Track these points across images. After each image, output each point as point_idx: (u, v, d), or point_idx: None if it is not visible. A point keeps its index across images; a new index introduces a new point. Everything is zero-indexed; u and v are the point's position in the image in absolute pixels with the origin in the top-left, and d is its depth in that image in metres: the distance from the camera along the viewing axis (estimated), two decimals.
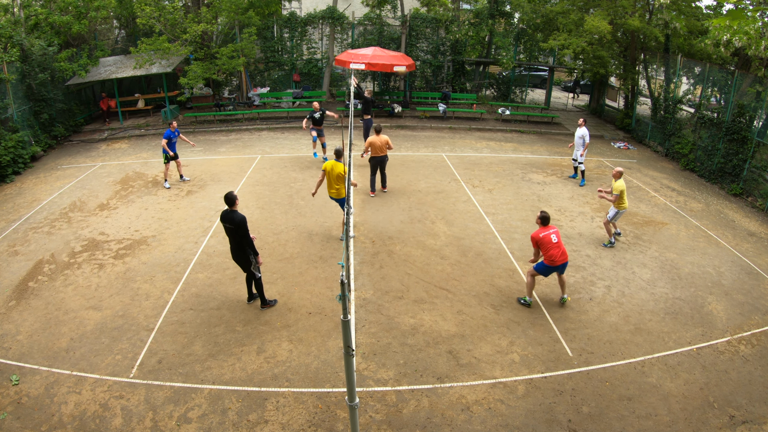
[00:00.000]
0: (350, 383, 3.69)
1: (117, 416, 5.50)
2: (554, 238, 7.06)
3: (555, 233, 7.12)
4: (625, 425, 5.60)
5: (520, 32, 21.14)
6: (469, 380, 6.13)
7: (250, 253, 6.79)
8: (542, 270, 7.29)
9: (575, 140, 12.58)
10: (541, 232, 7.11)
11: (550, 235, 7.06)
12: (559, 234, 7.17)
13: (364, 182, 11.75)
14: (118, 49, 19.41)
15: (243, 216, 6.65)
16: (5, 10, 15.19)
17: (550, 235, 7.06)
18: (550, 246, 7.05)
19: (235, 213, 6.65)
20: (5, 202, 11.02)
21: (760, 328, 7.42)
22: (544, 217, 7.16)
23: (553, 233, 7.09)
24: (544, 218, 7.17)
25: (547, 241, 7.05)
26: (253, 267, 6.89)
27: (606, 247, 9.51)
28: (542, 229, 7.15)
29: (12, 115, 13.40)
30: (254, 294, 7.40)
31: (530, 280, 7.48)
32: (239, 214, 6.66)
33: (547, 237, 7.05)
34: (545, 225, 7.16)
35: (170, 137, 11.46)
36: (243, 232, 6.63)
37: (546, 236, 7.05)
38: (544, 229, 7.13)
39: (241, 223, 6.59)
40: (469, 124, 18.14)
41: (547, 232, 7.08)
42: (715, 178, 13.76)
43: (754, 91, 13.13)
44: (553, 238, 7.06)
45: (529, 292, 7.57)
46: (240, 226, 6.59)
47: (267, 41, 19.84)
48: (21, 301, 7.46)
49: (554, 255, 7.06)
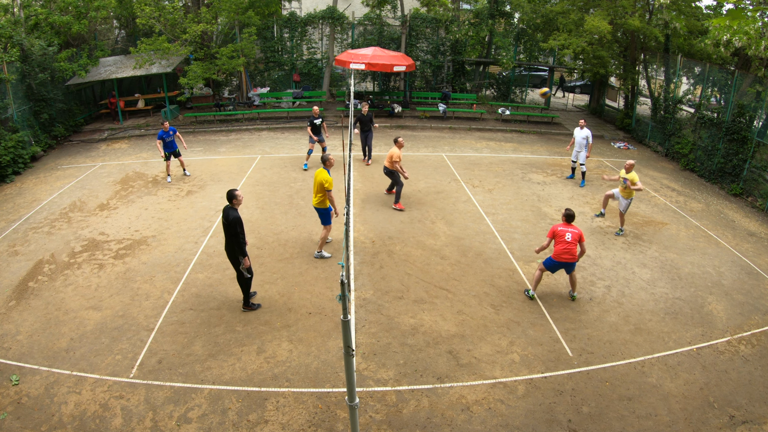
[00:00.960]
0: (350, 383, 3.69)
1: (117, 416, 5.50)
2: (568, 237, 7.30)
3: (572, 233, 7.33)
4: (625, 425, 5.60)
5: (520, 32, 21.14)
6: (469, 380, 6.13)
7: (238, 252, 6.77)
8: (549, 265, 7.55)
9: (577, 141, 12.43)
10: (560, 226, 7.43)
11: (566, 231, 7.34)
12: (576, 236, 7.34)
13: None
14: (118, 49, 19.41)
15: (237, 216, 6.62)
16: (5, 10, 15.19)
17: (566, 232, 7.34)
18: (561, 241, 7.32)
19: (231, 211, 6.64)
20: (5, 202, 11.02)
21: (760, 328, 7.42)
22: (568, 215, 7.51)
23: (569, 232, 7.33)
24: (568, 216, 7.51)
25: (561, 235, 7.34)
26: (241, 267, 6.89)
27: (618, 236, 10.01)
28: (563, 224, 7.47)
29: (12, 115, 13.40)
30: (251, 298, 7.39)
31: (538, 274, 7.74)
32: (235, 213, 6.64)
33: (562, 232, 7.34)
34: (568, 222, 7.50)
35: (163, 138, 11.59)
36: (233, 230, 6.62)
37: (562, 231, 7.35)
38: (565, 225, 7.45)
39: (233, 221, 6.56)
40: (469, 124, 18.14)
41: (564, 229, 7.38)
42: (715, 178, 13.76)
43: (754, 91, 13.13)
44: (568, 236, 7.31)
45: (534, 285, 7.80)
46: (231, 224, 6.57)
47: (267, 41, 19.83)
48: (21, 301, 7.46)
49: (560, 250, 7.31)
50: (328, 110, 18.97)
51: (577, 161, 12.74)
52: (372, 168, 13.29)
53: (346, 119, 15.71)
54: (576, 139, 12.48)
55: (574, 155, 12.72)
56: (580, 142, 12.39)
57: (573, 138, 12.62)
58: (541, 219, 10.57)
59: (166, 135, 11.61)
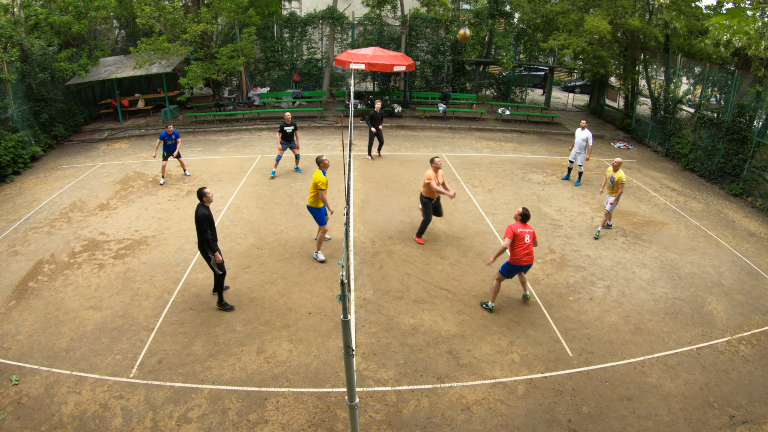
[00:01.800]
0: (350, 383, 3.69)
1: (117, 416, 5.50)
2: (527, 239, 6.96)
3: (530, 234, 6.99)
4: (625, 425, 5.60)
5: (520, 32, 21.15)
6: (469, 380, 6.13)
7: (207, 249, 6.90)
8: (507, 271, 7.19)
9: (577, 142, 12.34)
10: (519, 227, 6.98)
11: (525, 233, 6.96)
12: (533, 236, 7.04)
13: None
14: (118, 49, 19.41)
15: (204, 213, 6.77)
16: (5, 10, 15.19)
17: (525, 233, 6.95)
18: (521, 244, 6.94)
19: (200, 208, 6.82)
20: (5, 202, 11.02)
21: (760, 328, 7.42)
22: (525, 214, 7.07)
23: (528, 233, 6.98)
24: (525, 215, 7.08)
25: (521, 237, 6.94)
26: (213, 263, 7.00)
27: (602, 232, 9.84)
28: (521, 225, 7.03)
29: (12, 115, 13.40)
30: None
31: (495, 284, 7.33)
32: (202, 210, 6.80)
33: (522, 234, 6.94)
34: (524, 222, 7.07)
35: (165, 139, 11.57)
36: (199, 227, 6.79)
37: (522, 233, 6.94)
38: (523, 226, 7.03)
39: (200, 218, 6.74)
40: (469, 124, 18.14)
41: (523, 230, 6.97)
42: (715, 178, 13.76)
43: (754, 91, 13.13)
44: (527, 238, 6.96)
45: (493, 296, 7.38)
46: (198, 221, 6.76)
47: (267, 41, 19.83)
48: (21, 301, 7.46)
49: (520, 254, 6.96)
50: (328, 110, 18.97)
51: (575, 162, 12.70)
52: (373, 168, 13.28)
53: (346, 119, 15.70)
54: (576, 140, 12.40)
55: (573, 156, 12.66)
56: (579, 143, 12.30)
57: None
58: (541, 219, 10.57)
59: (168, 138, 11.58)
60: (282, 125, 12.04)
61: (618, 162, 9.58)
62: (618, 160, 9.60)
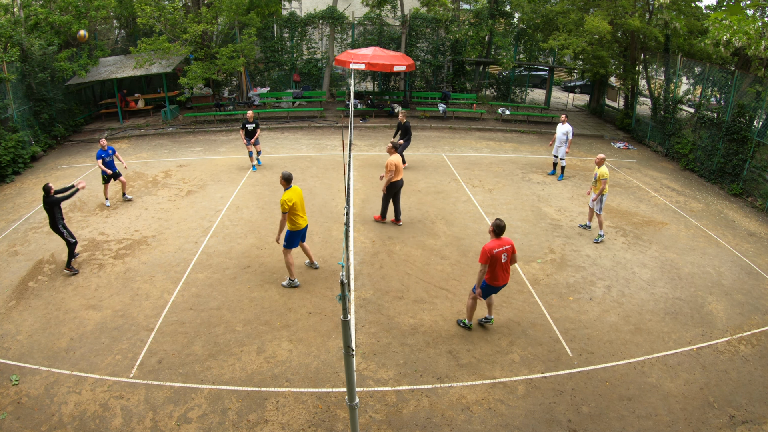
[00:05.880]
0: (350, 383, 3.69)
1: (117, 416, 5.50)
2: (504, 257, 6.29)
3: (506, 252, 6.31)
4: (625, 425, 5.60)
5: (520, 32, 21.15)
6: (469, 380, 6.13)
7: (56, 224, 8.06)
8: (484, 291, 6.58)
9: (558, 136, 12.67)
10: (495, 247, 6.22)
11: (502, 252, 6.26)
12: (510, 252, 6.37)
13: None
14: (118, 49, 19.43)
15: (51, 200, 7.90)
16: (5, 10, 15.19)
17: (501, 253, 6.26)
18: (498, 265, 6.32)
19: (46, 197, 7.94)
20: (5, 202, 11.02)
21: (760, 328, 7.42)
22: (498, 226, 6.24)
23: (504, 251, 6.29)
24: (499, 227, 6.24)
25: (498, 258, 6.24)
26: (66, 235, 8.12)
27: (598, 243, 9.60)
28: (495, 242, 6.26)
29: (12, 115, 13.40)
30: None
31: (472, 303, 6.80)
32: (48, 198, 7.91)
33: (499, 254, 6.24)
34: (499, 236, 6.28)
35: (102, 157, 10.37)
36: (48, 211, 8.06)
37: (499, 253, 6.23)
38: (498, 242, 6.26)
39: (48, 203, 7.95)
40: (469, 124, 18.14)
41: (500, 249, 6.25)
42: (715, 178, 13.76)
43: (754, 91, 13.13)
44: (503, 257, 6.28)
45: (469, 315, 6.91)
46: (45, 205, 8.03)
47: (267, 41, 19.84)
48: (21, 301, 7.46)
49: (499, 275, 6.38)
50: (328, 110, 18.98)
51: (558, 156, 12.90)
52: (373, 168, 13.29)
53: (346, 119, 15.71)
54: (557, 134, 12.74)
55: (555, 150, 12.97)
56: (560, 137, 12.64)
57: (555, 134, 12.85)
58: (541, 219, 10.57)
59: (105, 154, 10.42)
60: (244, 123, 12.60)
61: (601, 158, 9.38)
62: (601, 156, 9.40)
